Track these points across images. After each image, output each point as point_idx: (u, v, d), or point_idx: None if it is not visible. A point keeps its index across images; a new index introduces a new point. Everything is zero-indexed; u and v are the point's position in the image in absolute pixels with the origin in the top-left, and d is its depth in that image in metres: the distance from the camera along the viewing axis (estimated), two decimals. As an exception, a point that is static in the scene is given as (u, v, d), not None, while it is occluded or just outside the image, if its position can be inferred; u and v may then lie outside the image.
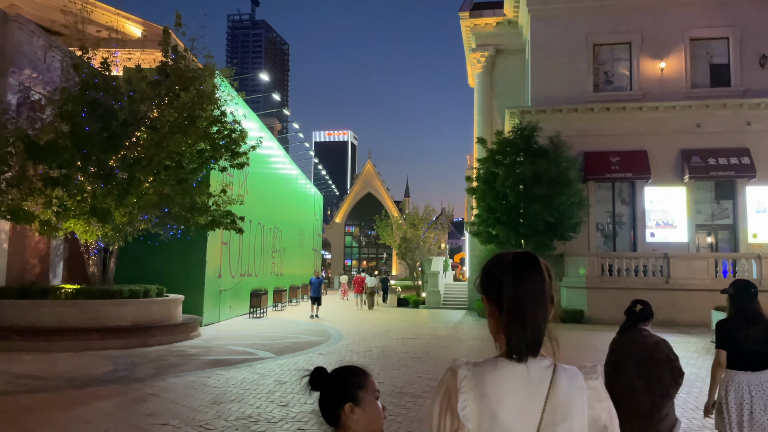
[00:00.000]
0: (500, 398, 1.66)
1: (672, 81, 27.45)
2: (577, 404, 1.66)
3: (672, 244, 26.17)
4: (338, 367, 2.09)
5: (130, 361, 12.41)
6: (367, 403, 1.98)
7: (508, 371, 1.69)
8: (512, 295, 1.73)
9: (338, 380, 2.03)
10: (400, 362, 12.68)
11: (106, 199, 15.07)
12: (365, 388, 2.00)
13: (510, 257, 1.79)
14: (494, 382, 1.68)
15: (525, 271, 1.74)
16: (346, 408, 1.95)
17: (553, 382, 1.67)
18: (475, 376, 1.70)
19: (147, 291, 16.78)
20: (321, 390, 2.03)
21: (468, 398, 1.69)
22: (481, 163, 26.30)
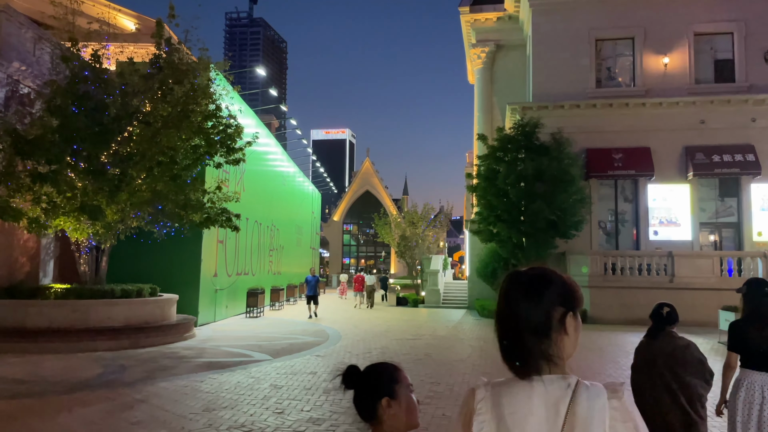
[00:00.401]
0: (517, 419, 1.63)
1: (675, 77, 27.03)
2: (597, 424, 1.59)
3: (676, 242, 25.77)
4: (370, 364, 2.11)
5: (119, 364, 11.94)
6: (403, 396, 2.01)
7: (526, 391, 1.66)
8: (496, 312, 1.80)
9: (372, 377, 2.05)
10: (401, 365, 12.17)
11: (97, 195, 14.60)
12: (400, 383, 2.03)
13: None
14: (511, 403, 1.66)
15: (508, 289, 1.77)
16: (383, 402, 1.97)
17: (572, 401, 1.61)
18: (493, 397, 1.69)
19: (140, 290, 16.31)
20: (355, 388, 2.05)
21: (485, 419, 1.68)
22: (482, 160, 25.86)
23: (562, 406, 1.61)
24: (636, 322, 22.56)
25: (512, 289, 1.75)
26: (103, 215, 14.72)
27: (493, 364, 12.52)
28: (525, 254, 24.37)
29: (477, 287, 30.59)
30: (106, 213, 14.97)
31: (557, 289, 1.72)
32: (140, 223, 16.24)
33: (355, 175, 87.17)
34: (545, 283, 1.73)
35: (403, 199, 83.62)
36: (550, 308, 1.70)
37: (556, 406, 1.62)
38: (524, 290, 1.73)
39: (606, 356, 14.18)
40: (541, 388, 1.64)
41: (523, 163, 24.27)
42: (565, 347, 1.70)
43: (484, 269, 28.59)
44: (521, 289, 1.73)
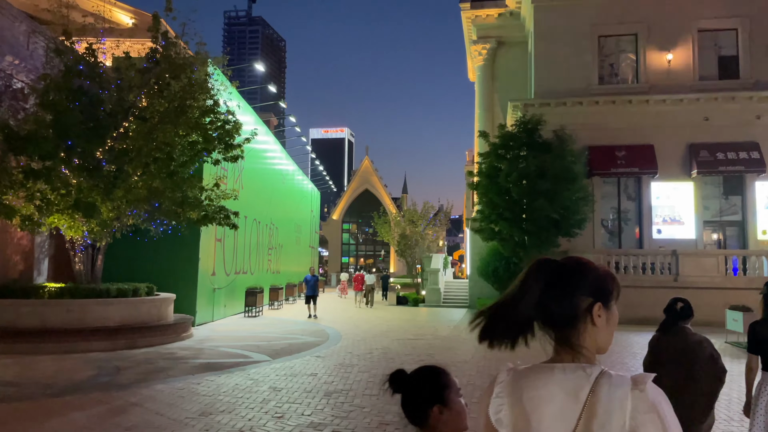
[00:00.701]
0: (536, 404, 1.63)
1: (679, 73, 26.72)
2: (617, 414, 1.55)
3: (679, 240, 25.47)
4: (418, 367, 2.08)
5: (114, 365, 11.61)
6: (454, 402, 2.00)
7: (547, 377, 1.64)
8: None
9: (422, 382, 2.03)
10: (403, 365, 11.77)
11: (92, 192, 14.25)
12: (450, 388, 2.02)
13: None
14: (531, 387, 1.65)
15: (530, 272, 1.76)
16: (435, 410, 1.96)
17: (593, 390, 1.59)
18: (513, 381, 1.69)
19: (136, 290, 15.98)
20: (403, 392, 2.02)
21: (503, 403, 1.68)
22: (484, 158, 25.55)
23: (582, 394, 1.59)
24: (640, 321, 22.25)
25: (539, 273, 1.73)
26: (98, 213, 14.37)
27: (499, 365, 12.23)
28: (527, 253, 24.05)
29: (478, 286, 30.27)
30: (101, 210, 14.63)
31: (587, 279, 1.70)
32: (136, 220, 15.89)
33: (355, 173, 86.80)
34: (573, 272, 1.71)
35: (403, 198, 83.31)
36: (576, 297, 1.68)
37: (576, 393, 1.60)
38: (549, 276, 1.71)
39: (613, 357, 13.87)
40: (561, 375, 1.63)
41: (525, 161, 23.97)
42: (593, 338, 1.68)
43: (486, 268, 28.28)
44: (545, 274, 1.72)
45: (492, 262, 27.77)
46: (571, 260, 1.76)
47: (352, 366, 11.82)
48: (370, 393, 9.31)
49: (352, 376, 10.69)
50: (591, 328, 1.68)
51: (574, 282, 1.69)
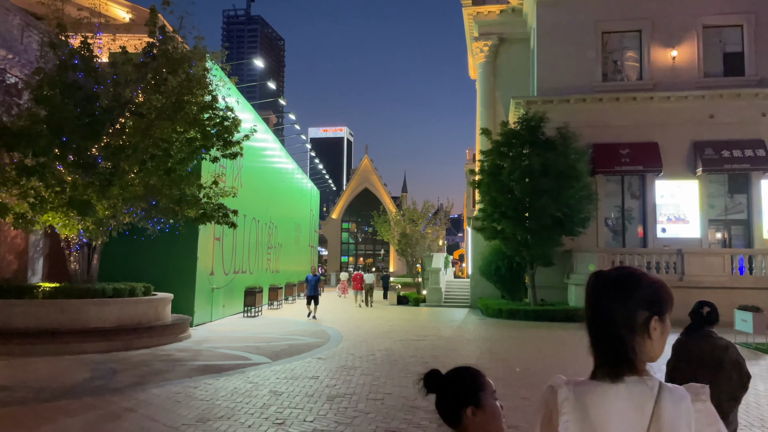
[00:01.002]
0: (603, 420, 1.63)
1: (684, 70, 26.40)
2: (683, 428, 1.59)
3: (684, 239, 25.16)
4: (453, 368, 2.08)
5: (109, 368, 11.26)
6: (488, 404, 1.98)
7: (610, 392, 1.66)
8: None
9: (456, 383, 2.03)
10: (407, 368, 11.57)
11: (87, 190, 13.89)
12: (484, 390, 2.01)
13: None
14: (596, 404, 1.65)
15: (592, 291, 1.78)
16: (468, 411, 1.96)
17: (657, 404, 1.62)
18: (576, 397, 1.69)
19: (133, 289, 15.62)
20: (437, 392, 2.03)
21: (569, 419, 1.67)
22: (486, 156, 25.22)
23: (647, 407, 1.62)
24: (645, 321, 21.95)
25: (597, 291, 1.76)
26: (94, 210, 14.01)
27: (504, 367, 11.88)
28: (530, 252, 23.73)
29: (480, 286, 29.94)
30: (97, 208, 14.27)
31: (642, 292, 1.71)
32: (133, 219, 15.53)
33: (354, 172, 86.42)
34: (630, 285, 1.72)
35: (403, 197, 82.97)
36: (634, 311, 1.69)
37: (641, 408, 1.62)
38: (609, 292, 1.73)
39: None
40: (625, 390, 1.64)
41: (528, 159, 23.63)
42: (648, 351, 1.70)
43: (488, 267, 27.96)
44: (606, 290, 1.74)
45: (494, 262, 27.45)
46: (626, 272, 1.77)
47: (354, 368, 11.47)
48: (374, 398, 8.96)
49: (355, 380, 10.34)
50: (647, 341, 1.70)
51: (630, 296, 1.71)
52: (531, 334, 18.16)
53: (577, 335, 17.98)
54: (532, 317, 23.07)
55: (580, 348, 2.21)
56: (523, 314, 23.37)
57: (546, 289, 25.39)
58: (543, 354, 14.10)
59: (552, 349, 14.99)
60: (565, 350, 14.84)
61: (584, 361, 1.84)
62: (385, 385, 9.89)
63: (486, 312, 25.43)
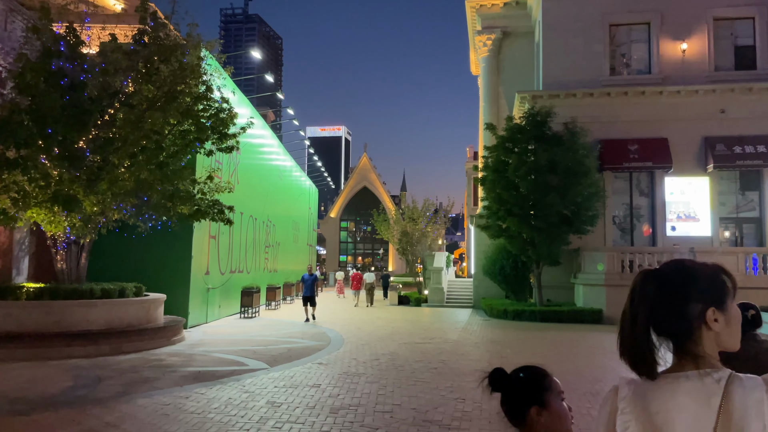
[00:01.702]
0: (666, 417, 1.58)
1: (694, 64, 25.64)
2: (754, 419, 1.50)
3: (694, 238, 24.41)
4: (519, 367, 2.03)
5: (95, 375, 10.45)
6: (554, 405, 1.94)
7: (673, 387, 1.61)
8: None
9: (521, 382, 1.99)
10: (415, 375, 10.78)
11: (73, 184, 13.07)
12: (550, 390, 1.96)
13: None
14: (658, 400, 1.61)
15: (641, 287, 1.73)
16: (533, 411, 1.92)
17: (725, 397, 1.54)
18: (637, 394, 1.66)
19: (122, 290, 14.81)
20: (502, 391, 1.99)
21: (629, 419, 1.64)
22: (490, 151, 24.46)
23: (714, 400, 1.55)
24: (655, 322, 21.21)
25: (646, 287, 1.70)
26: (80, 206, 13.20)
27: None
28: (536, 251, 22.97)
29: (483, 285, 29.17)
30: (84, 204, 13.46)
31: (695, 285, 1.65)
32: (122, 215, 14.71)
33: (353, 170, 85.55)
34: (681, 280, 1.67)
35: (402, 195, 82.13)
36: (687, 307, 1.63)
37: (707, 401, 1.56)
38: (659, 288, 1.67)
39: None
40: (688, 385, 1.60)
41: (534, 154, 22.87)
42: (713, 342, 1.63)
43: (492, 267, 27.19)
44: (656, 286, 1.68)
45: (498, 261, 26.68)
46: (674, 266, 1.73)
47: (358, 375, 10.67)
48: (382, 410, 8.17)
49: (360, 388, 9.55)
50: (709, 334, 1.63)
51: (681, 291, 1.65)
52: (540, 337, 17.39)
53: (590, 337, 17.20)
54: (538, 318, 22.32)
55: (598, 351, 2.86)
56: (529, 315, 22.61)
57: (552, 289, 24.65)
58: (559, 358, 13.31)
59: (568, 353, 14.20)
60: (582, 353, 14.05)
61: (605, 365, 2.08)
62: (393, 394, 9.10)
63: (490, 313, 24.66)
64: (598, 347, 15.13)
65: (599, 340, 16.57)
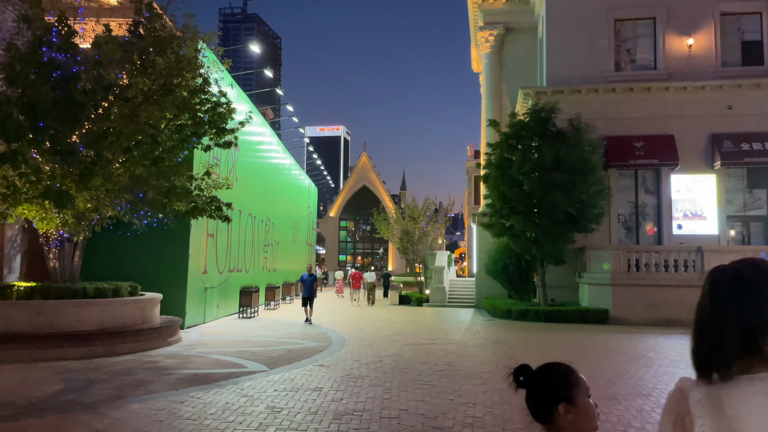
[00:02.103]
0: (742, 421, 1.53)
1: (701, 59, 25.21)
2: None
3: (701, 236, 23.97)
4: (544, 364, 2.01)
5: (86, 378, 9.99)
6: (581, 402, 1.91)
7: (748, 390, 1.56)
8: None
9: (547, 379, 1.96)
10: (421, 378, 10.32)
11: (65, 180, 12.61)
12: (578, 387, 1.93)
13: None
14: (734, 403, 1.56)
15: (714, 286, 1.72)
16: (560, 408, 1.90)
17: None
18: (710, 398, 1.60)
19: (117, 289, 14.34)
20: (527, 388, 1.97)
21: (704, 423, 1.58)
22: (493, 148, 24.01)
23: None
24: (662, 322, 20.79)
25: (719, 286, 1.68)
26: (72, 202, 12.72)
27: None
28: (541, 249, 22.53)
29: (485, 285, 28.74)
30: (77, 200, 13.00)
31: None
32: (117, 212, 14.24)
33: (352, 170, 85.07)
34: (756, 278, 1.64)
35: (402, 195, 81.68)
36: (765, 305, 1.60)
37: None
38: (733, 286, 1.65)
39: (640, 362, 12.30)
40: (763, 386, 1.56)
41: (539, 151, 22.42)
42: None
43: (494, 266, 26.75)
44: (730, 285, 1.66)
45: (501, 260, 26.25)
46: (749, 265, 1.69)
47: (362, 378, 10.22)
48: (388, 415, 7.72)
49: (364, 392, 9.10)
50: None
51: (758, 290, 1.62)
52: (547, 338, 16.94)
53: (599, 338, 16.76)
54: (543, 318, 21.88)
55: (609, 352, 2.38)
56: (533, 315, 22.17)
57: (555, 289, 24.22)
58: (569, 360, 12.81)
59: (577, 355, 13.73)
60: (593, 355, 13.60)
61: (618, 367, 1.93)
62: (399, 398, 8.65)
63: (493, 313, 24.22)
64: (608, 348, 14.69)
65: (608, 341, 16.13)
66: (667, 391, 6.55)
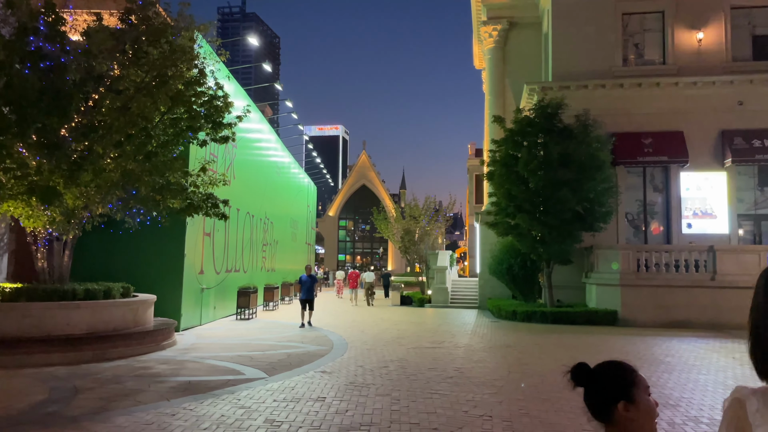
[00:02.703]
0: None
1: (711, 54, 24.57)
2: None
3: (711, 235, 23.36)
4: (602, 362, 1.97)
5: (71, 386, 9.32)
6: (641, 401, 1.87)
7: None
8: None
9: (606, 377, 1.93)
10: (431, 386, 9.67)
11: (53, 175, 11.94)
12: (637, 386, 1.90)
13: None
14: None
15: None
16: (620, 407, 1.86)
17: None
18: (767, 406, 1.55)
19: (108, 290, 13.66)
20: (586, 386, 1.94)
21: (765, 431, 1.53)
22: (498, 145, 23.33)
23: None
24: (673, 324, 20.18)
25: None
26: (60, 199, 12.06)
27: (545, 383, 9.99)
28: (547, 249, 21.89)
29: (489, 285, 28.10)
30: (65, 197, 12.34)
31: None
32: (108, 210, 13.57)
33: (351, 168, 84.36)
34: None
35: (402, 194, 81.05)
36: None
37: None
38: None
39: (653, 367, 11.66)
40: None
41: (545, 148, 21.76)
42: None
43: (498, 266, 26.09)
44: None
45: (506, 260, 25.59)
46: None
47: (367, 386, 9.56)
48: (398, 429, 7.06)
49: (370, 402, 8.44)
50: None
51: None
52: (557, 341, 16.29)
53: (610, 341, 16.10)
54: (549, 320, 21.24)
55: (625, 357, 1.94)
56: (540, 316, 21.52)
57: (561, 289, 23.58)
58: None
59: (592, 360, 13.01)
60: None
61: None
62: (409, 410, 7.99)
63: (498, 314, 23.58)
64: (623, 352, 14.04)
65: (622, 345, 15.49)
66: (695, 401, 5.80)
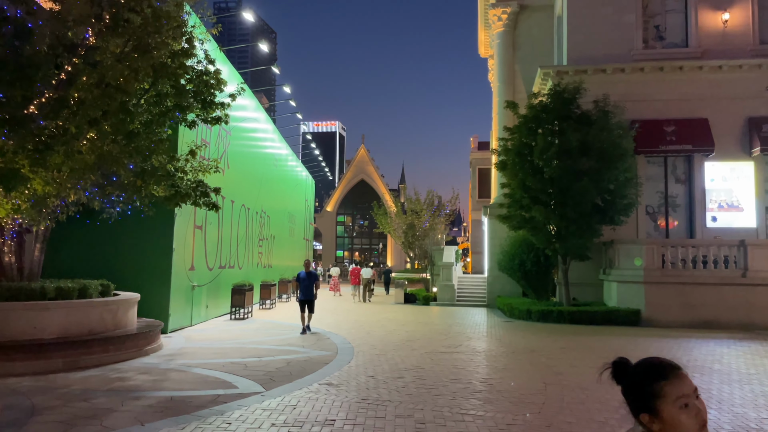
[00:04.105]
0: None
1: (737, 36, 23.07)
2: None
3: (737, 229, 21.92)
4: (639, 361, 1.88)
5: (29, 405, 7.76)
6: (666, 414, 1.76)
7: None
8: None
9: (628, 386, 1.86)
10: (457, 402, 8.13)
11: (17, 156, 10.37)
12: (663, 397, 1.78)
13: None
14: None
15: None
16: (644, 419, 1.80)
17: None
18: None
19: (84, 289, 12.10)
20: (623, 384, 1.87)
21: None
22: (511, 133, 21.81)
23: None
24: (700, 324, 18.72)
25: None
26: (25, 184, 10.50)
27: (591, 399, 8.46)
28: (564, 244, 20.37)
29: (499, 282, 26.63)
30: (33, 182, 10.77)
31: None
32: (82, 197, 11.99)
33: (350, 163, 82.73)
34: None
35: (401, 189, 79.46)
36: None
37: None
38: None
39: (732, 383, 10.16)
40: None
41: (562, 135, 20.22)
42: None
43: (510, 262, 24.57)
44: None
45: (517, 255, 24.08)
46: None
47: (383, 404, 8.02)
48: (432, 469, 5.53)
49: (390, 427, 6.90)
50: None
51: None
52: (584, 344, 14.78)
53: (642, 343, 14.55)
54: (567, 319, 19.75)
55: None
56: (556, 316, 20.02)
57: (577, 287, 22.12)
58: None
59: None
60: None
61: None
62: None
63: (510, 313, 22.08)
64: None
65: (655, 348, 13.98)
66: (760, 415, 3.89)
